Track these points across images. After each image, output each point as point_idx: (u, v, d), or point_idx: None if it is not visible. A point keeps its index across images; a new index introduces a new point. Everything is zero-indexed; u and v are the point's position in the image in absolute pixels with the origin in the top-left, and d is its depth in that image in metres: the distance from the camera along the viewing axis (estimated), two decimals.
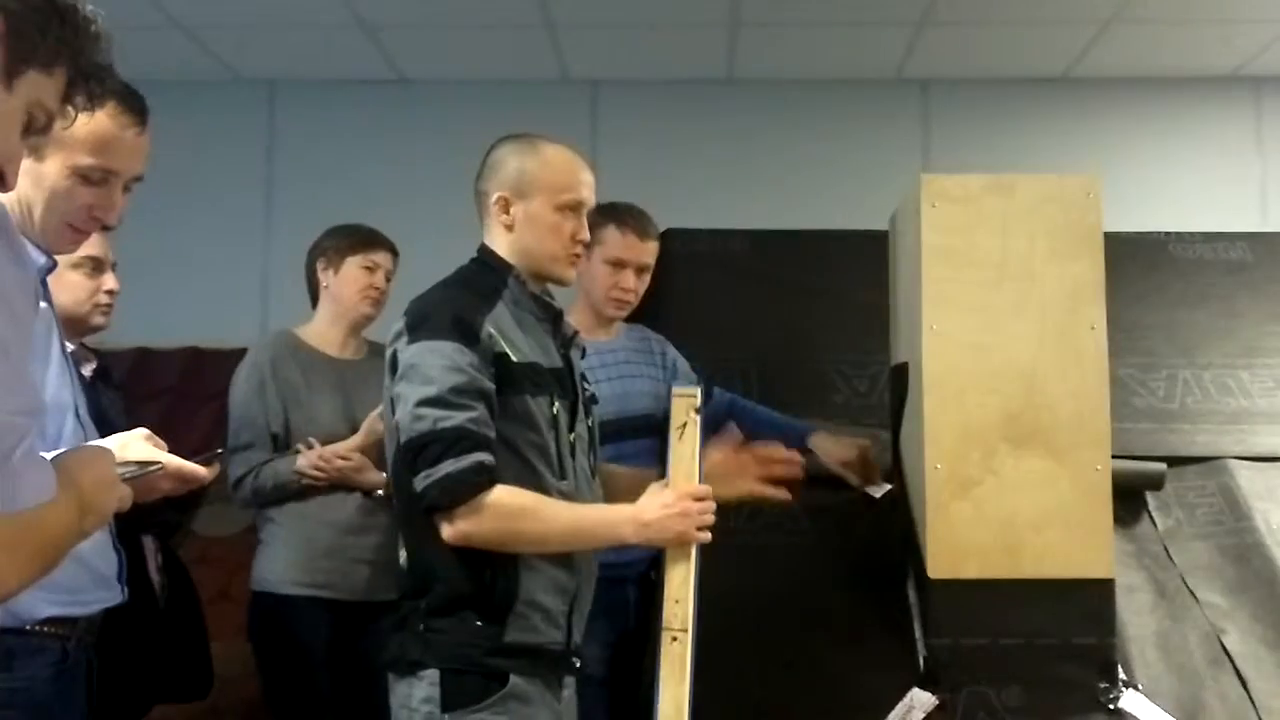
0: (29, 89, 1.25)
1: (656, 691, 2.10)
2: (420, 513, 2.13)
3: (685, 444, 2.23)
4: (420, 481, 2.09)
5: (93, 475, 1.35)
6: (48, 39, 1.26)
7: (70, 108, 1.34)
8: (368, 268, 3.21)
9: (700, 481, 2.22)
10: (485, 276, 2.29)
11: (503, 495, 2.09)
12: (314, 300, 3.28)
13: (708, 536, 2.17)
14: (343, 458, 3.02)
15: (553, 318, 2.34)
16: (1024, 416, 2.45)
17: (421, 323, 2.18)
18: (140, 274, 3.25)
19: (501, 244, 2.31)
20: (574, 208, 2.30)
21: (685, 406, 2.25)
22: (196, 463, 1.91)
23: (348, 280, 3.20)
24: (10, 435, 1.19)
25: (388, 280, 3.24)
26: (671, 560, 2.18)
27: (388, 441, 2.27)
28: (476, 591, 2.12)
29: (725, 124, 4.93)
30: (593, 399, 2.42)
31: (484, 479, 2.08)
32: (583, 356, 2.44)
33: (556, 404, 2.23)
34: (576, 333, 2.43)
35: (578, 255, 2.33)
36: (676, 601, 2.15)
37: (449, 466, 2.07)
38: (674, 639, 2.13)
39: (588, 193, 2.32)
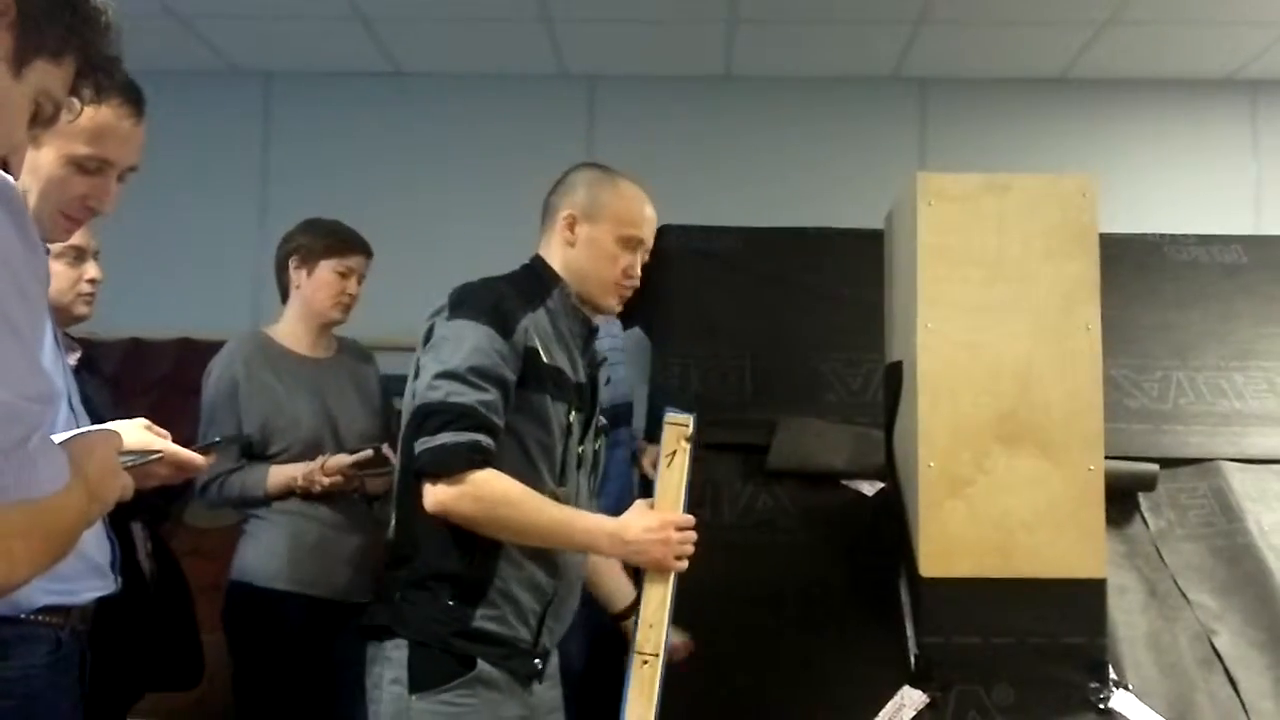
0: (37, 78, 1.24)
1: (623, 711, 2.11)
2: (411, 478, 2.18)
3: (674, 471, 2.24)
4: (418, 446, 2.14)
5: (98, 462, 1.34)
6: (57, 27, 1.24)
7: (76, 99, 1.33)
8: (341, 273, 3.14)
9: (685, 510, 2.24)
10: (534, 282, 2.34)
11: (490, 478, 2.12)
12: (283, 294, 3.22)
13: (684, 566, 2.19)
14: (338, 473, 3.00)
15: (587, 334, 2.39)
16: (1017, 416, 2.45)
17: (463, 303, 2.23)
18: (134, 264, 3.25)
19: (557, 258, 2.36)
20: (633, 244, 2.36)
21: (676, 435, 2.26)
22: (195, 451, 1.91)
23: (320, 284, 3.14)
24: (26, 420, 1.17)
25: (360, 283, 3.19)
26: (649, 583, 2.19)
27: (404, 412, 2.30)
28: (454, 571, 2.16)
29: (722, 121, 4.93)
30: (605, 430, 2.45)
31: (477, 457, 2.11)
32: (607, 383, 2.48)
33: (573, 414, 2.28)
34: (605, 359, 2.47)
35: (626, 289, 2.38)
36: (650, 626, 2.15)
37: (447, 438, 2.11)
38: (645, 662, 2.13)
39: (649, 232, 2.40)
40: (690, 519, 2.22)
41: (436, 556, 2.16)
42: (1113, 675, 2.44)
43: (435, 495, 2.11)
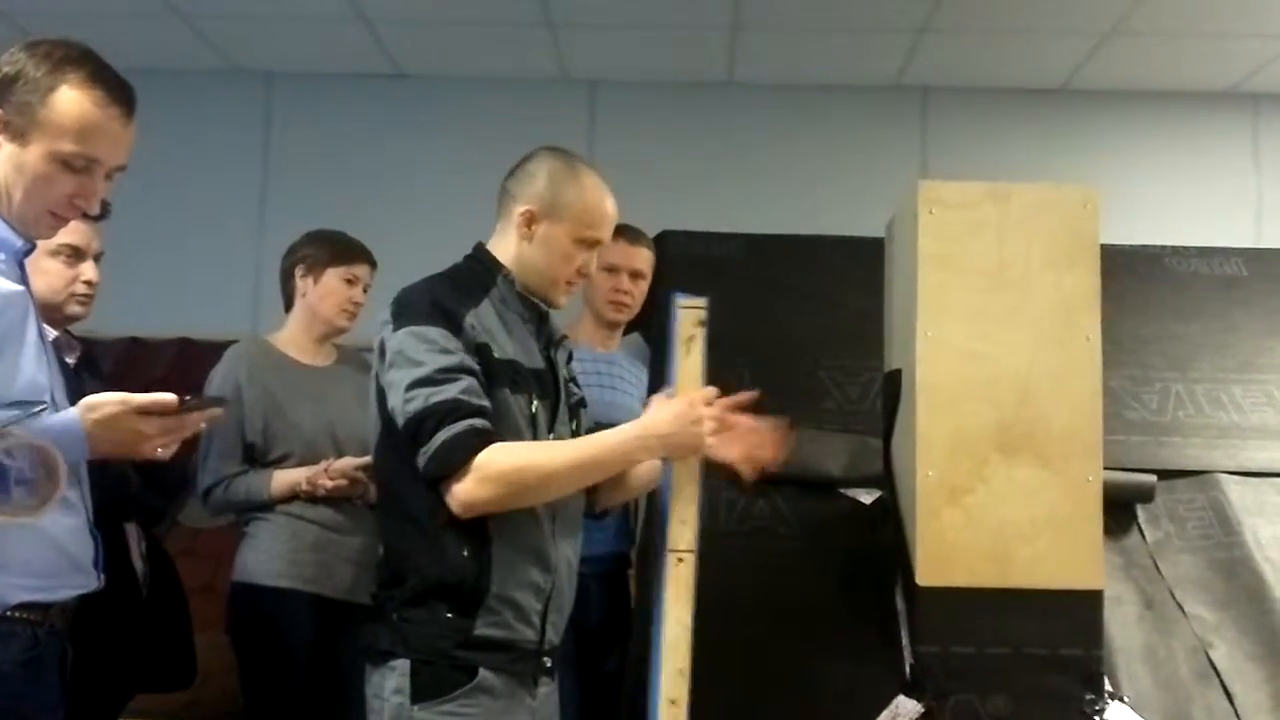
0: None
1: (660, 612, 2.10)
2: (390, 498, 2.18)
3: (691, 357, 2.19)
4: (421, 458, 2.11)
5: None
6: None
7: None
8: (348, 280, 3.18)
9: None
10: (476, 274, 2.31)
11: (493, 454, 2.10)
12: (288, 304, 3.25)
13: (716, 440, 2.19)
14: (344, 476, 3.00)
15: (538, 318, 2.35)
16: (1016, 425, 2.44)
17: (405, 310, 2.20)
18: (132, 263, 3.25)
19: (508, 250, 2.32)
20: (591, 244, 2.33)
21: (692, 319, 2.21)
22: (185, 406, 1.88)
23: (327, 292, 3.18)
24: None
25: (365, 292, 3.22)
26: (676, 480, 2.16)
27: (371, 431, 2.27)
28: (449, 584, 2.14)
29: (723, 127, 4.93)
30: (581, 403, 2.42)
31: (478, 440, 2.09)
32: (569, 360, 2.44)
33: (536, 403, 2.25)
34: (564, 336, 2.44)
35: (576, 286, 2.37)
36: (683, 522, 2.13)
37: (444, 435, 2.09)
38: (680, 560, 2.11)
39: (607, 233, 2.37)
40: (713, 392, 2.20)
41: (429, 572, 2.14)
42: (1108, 687, 2.44)
43: (455, 495, 2.10)
